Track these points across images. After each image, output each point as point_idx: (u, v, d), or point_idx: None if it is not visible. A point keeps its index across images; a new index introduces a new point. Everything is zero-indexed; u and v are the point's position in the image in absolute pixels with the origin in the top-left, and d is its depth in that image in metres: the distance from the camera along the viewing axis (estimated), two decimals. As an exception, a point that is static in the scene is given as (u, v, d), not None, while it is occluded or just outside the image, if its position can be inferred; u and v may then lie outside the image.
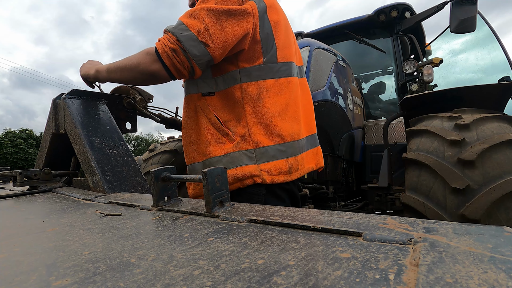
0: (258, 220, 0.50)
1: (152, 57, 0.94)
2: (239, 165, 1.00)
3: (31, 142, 24.96)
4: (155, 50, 0.94)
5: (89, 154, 1.03)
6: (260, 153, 1.02)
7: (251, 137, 1.02)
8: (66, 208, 0.78)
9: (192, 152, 1.09)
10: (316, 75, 1.91)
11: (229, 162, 1.00)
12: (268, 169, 1.01)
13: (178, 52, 0.91)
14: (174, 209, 0.64)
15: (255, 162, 1.01)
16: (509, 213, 1.34)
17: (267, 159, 1.02)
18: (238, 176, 0.99)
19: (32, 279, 0.34)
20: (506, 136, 1.50)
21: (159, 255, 0.39)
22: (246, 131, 1.02)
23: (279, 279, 0.29)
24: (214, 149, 1.02)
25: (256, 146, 1.02)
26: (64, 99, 1.19)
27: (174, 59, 0.92)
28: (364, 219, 0.45)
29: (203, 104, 1.06)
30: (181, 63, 0.93)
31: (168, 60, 0.93)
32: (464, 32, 2.40)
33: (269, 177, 1.01)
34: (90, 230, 0.54)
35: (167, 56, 0.92)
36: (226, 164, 1.00)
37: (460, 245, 0.33)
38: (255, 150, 1.02)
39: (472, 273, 0.27)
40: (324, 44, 2.17)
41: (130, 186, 1.02)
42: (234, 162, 1.00)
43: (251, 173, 0.99)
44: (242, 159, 1.00)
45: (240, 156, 1.01)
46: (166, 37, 0.93)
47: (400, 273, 0.28)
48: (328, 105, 1.98)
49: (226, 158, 1.01)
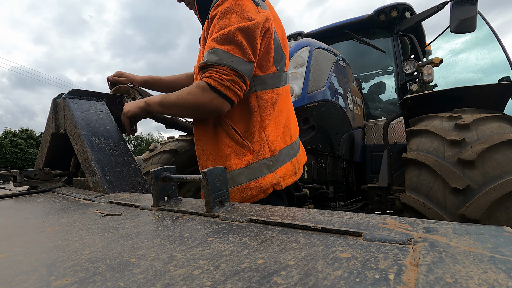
0: (258, 220, 0.50)
1: (211, 95, 0.94)
2: (260, 176, 1.01)
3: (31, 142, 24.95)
4: (213, 88, 0.93)
5: (89, 154, 1.03)
6: (275, 160, 1.04)
7: (268, 145, 1.03)
8: (66, 208, 0.78)
9: (210, 165, 1.08)
10: (316, 75, 1.91)
11: (250, 174, 1.01)
12: (282, 174, 1.04)
13: (236, 81, 0.93)
14: (174, 209, 0.64)
15: (272, 170, 1.03)
16: (509, 213, 1.34)
17: (279, 164, 1.04)
18: (262, 187, 1.00)
19: (32, 278, 0.34)
20: (506, 136, 1.50)
21: (159, 255, 0.39)
22: (263, 139, 1.03)
23: (279, 279, 0.29)
24: (234, 162, 1.02)
25: (273, 154, 1.04)
26: (64, 99, 1.19)
27: (234, 89, 0.94)
28: (364, 219, 0.45)
29: (219, 117, 1.05)
30: (240, 89, 0.95)
31: (229, 92, 0.94)
32: (464, 32, 2.40)
33: (284, 182, 1.03)
34: (90, 230, 0.54)
35: (228, 89, 0.93)
36: (248, 176, 1.00)
37: (460, 245, 0.33)
38: (272, 158, 1.03)
39: (472, 273, 0.27)
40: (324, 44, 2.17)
41: (130, 186, 1.02)
42: (256, 174, 1.01)
43: (273, 182, 1.01)
44: (262, 169, 1.01)
45: (260, 166, 1.02)
46: (217, 71, 0.93)
47: (400, 273, 0.28)
48: (328, 105, 1.98)
49: (248, 170, 1.01)
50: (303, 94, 1.82)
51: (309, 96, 1.85)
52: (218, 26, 0.94)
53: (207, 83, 0.94)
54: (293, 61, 1.88)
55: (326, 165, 2.04)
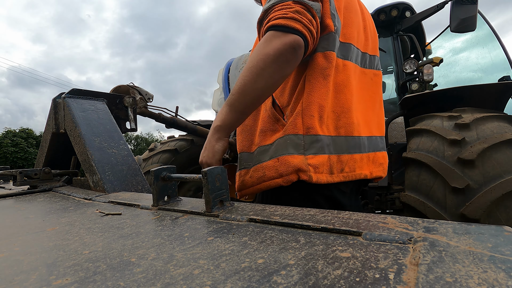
0: (258, 219, 0.50)
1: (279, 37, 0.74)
2: (282, 154, 0.81)
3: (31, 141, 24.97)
4: (277, 27, 0.75)
5: (89, 153, 1.03)
6: (309, 142, 0.81)
7: (302, 120, 0.82)
8: (66, 208, 0.78)
9: (245, 141, 0.96)
10: None
11: (273, 151, 0.83)
12: (315, 163, 0.80)
13: (301, 12, 0.76)
14: (174, 208, 0.64)
15: (302, 152, 0.80)
16: (509, 212, 1.34)
17: (315, 151, 0.81)
18: (281, 169, 0.80)
19: (32, 278, 0.34)
20: (506, 135, 1.50)
21: (159, 255, 0.39)
22: (298, 111, 0.83)
23: (279, 278, 0.29)
24: (265, 138, 0.88)
25: (307, 132, 0.81)
26: (64, 98, 1.19)
27: (302, 20, 0.75)
28: (364, 219, 0.45)
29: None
30: (309, 22, 0.76)
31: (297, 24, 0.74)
32: (465, 32, 2.39)
33: (315, 175, 0.80)
34: (90, 230, 0.54)
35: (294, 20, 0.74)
36: (271, 153, 0.84)
37: (460, 244, 0.33)
38: (305, 137, 0.81)
39: (472, 273, 0.27)
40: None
41: (130, 185, 1.02)
42: (278, 151, 0.82)
43: (297, 166, 0.79)
44: (287, 146, 0.81)
45: (285, 142, 0.82)
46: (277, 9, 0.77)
47: (400, 273, 0.28)
48: None
49: (273, 147, 0.84)
50: None
51: None
52: None
53: (269, 28, 0.76)
54: None
55: None
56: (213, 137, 0.83)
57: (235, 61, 2.14)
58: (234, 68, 2.09)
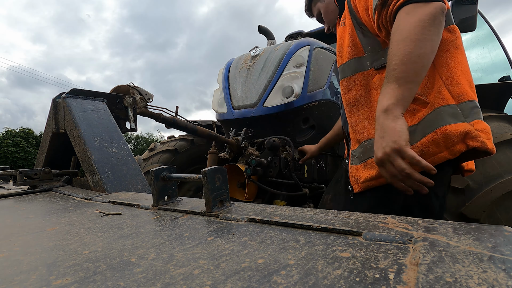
0: (258, 219, 0.50)
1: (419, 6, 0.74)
2: (439, 126, 0.76)
3: (31, 141, 24.98)
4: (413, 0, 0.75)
5: (89, 153, 1.03)
6: (468, 108, 0.76)
7: (449, 90, 0.79)
8: (66, 208, 0.78)
9: (369, 128, 0.92)
10: (316, 74, 1.91)
11: (425, 127, 0.79)
12: (484, 128, 0.75)
13: None
14: (174, 208, 0.64)
15: (463, 120, 0.75)
16: (509, 212, 1.34)
17: (477, 116, 0.76)
18: (442, 140, 0.75)
19: (32, 278, 0.34)
20: (506, 135, 1.50)
21: (159, 255, 0.39)
22: (440, 84, 0.80)
23: (279, 278, 0.29)
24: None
25: (461, 100, 0.77)
26: (64, 98, 1.19)
27: None
28: (364, 219, 0.45)
29: (379, 78, 0.91)
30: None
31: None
32: (465, 32, 2.39)
33: (488, 141, 0.74)
34: (90, 230, 0.54)
35: None
36: (421, 131, 0.79)
37: (460, 244, 0.33)
38: (460, 105, 0.77)
39: (472, 273, 0.27)
40: (324, 43, 2.17)
41: (130, 185, 1.02)
42: (432, 125, 0.77)
43: (465, 132, 0.73)
44: (444, 118, 0.76)
45: (437, 115, 0.78)
46: None
47: (400, 273, 0.28)
48: (329, 104, 1.98)
49: (421, 125, 0.80)
50: (303, 93, 1.82)
51: (309, 95, 1.85)
52: None
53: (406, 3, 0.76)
54: (293, 61, 1.88)
55: (326, 165, 2.04)
56: (387, 119, 0.71)
57: (235, 61, 2.14)
58: (234, 68, 2.08)
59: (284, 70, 1.86)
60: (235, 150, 1.84)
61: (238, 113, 1.93)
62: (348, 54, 1.04)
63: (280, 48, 1.94)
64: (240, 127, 1.91)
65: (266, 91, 1.85)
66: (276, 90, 1.84)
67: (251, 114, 1.86)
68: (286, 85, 1.82)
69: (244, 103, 1.91)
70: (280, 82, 1.84)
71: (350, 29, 1.04)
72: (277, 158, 1.71)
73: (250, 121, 1.90)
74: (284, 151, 1.77)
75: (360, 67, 0.99)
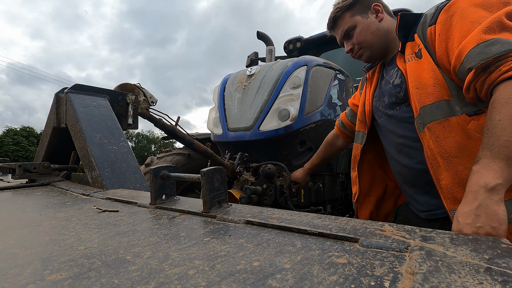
0: (255, 222, 0.50)
1: None
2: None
3: (32, 140, 25.03)
4: None
5: (89, 149, 1.03)
6: None
7: None
8: (64, 203, 0.78)
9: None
10: (313, 94, 1.84)
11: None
12: None
13: None
14: (171, 207, 0.64)
15: None
16: (508, 214, 1.33)
17: None
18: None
19: (27, 272, 0.34)
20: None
21: (154, 253, 0.39)
22: None
23: (274, 282, 0.29)
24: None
25: None
26: (67, 93, 1.19)
27: None
28: (361, 225, 0.45)
29: (476, 125, 0.87)
30: None
31: None
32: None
33: None
34: (86, 226, 0.54)
35: None
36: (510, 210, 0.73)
37: (456, 255, 0.33)
38: None
39: (468, 284, 0.27)
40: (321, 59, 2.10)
41: (128, 182, 1.02)
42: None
43: None
44: None
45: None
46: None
47: (396, 281, 0.28)
48: (326, 124, 1.91)
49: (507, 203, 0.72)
50: (300, 116, 1.74)
51: (306, 118, 1.78)
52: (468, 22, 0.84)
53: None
54: (290, 82, 1.81)
55: (324, 185, 1.98)
56: (491, 199, 0.66)
57: (231, 78, 2.06)
58: (230, 85, 2.00)
59: (280, 92, 1.79)
60: (229, 174, 1.78)
61: (233, 135, 1.85)
62: (435, 94, 0.96)
63: (277, 68, 1.88)
64: (235, 149, 1.86)
65: (262, 114, 1.78)
66: (272, 113, 1.77)
67: (247, 138, 1.79)
68: (282, 108, 1.75)
69: (240, 125, 1.84)
70: (276, 105, 1.77)
71: (430, 65, 0.98)
72: (273, 186, 1.66)
73: (245, 145, 1.83)
74: (280, 177, 1.72)
75: (450, 112, 0.93)
